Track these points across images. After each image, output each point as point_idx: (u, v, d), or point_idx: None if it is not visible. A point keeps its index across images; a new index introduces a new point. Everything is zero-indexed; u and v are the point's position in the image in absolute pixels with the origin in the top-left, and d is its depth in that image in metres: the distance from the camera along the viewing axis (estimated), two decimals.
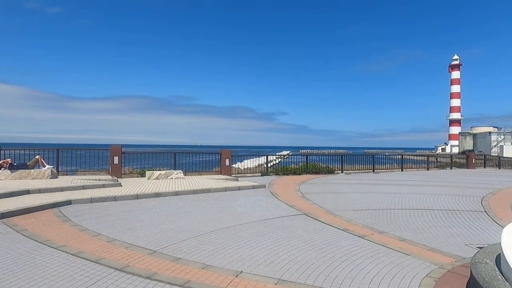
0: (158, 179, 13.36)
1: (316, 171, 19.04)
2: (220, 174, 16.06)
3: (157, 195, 9.92)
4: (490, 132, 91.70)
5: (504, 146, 78.88)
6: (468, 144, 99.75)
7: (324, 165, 19.80)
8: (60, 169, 14.10)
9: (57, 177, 12.29)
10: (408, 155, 23.51)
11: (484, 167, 25.80)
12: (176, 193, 10.30)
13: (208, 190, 11.01)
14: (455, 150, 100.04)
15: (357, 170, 20.66)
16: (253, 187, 12.16)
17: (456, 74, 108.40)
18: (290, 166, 19.36)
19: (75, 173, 15.14)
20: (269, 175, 17.53)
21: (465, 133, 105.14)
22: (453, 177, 18.07)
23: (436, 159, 24.38)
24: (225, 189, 11.40)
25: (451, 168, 23.81)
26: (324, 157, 21.82)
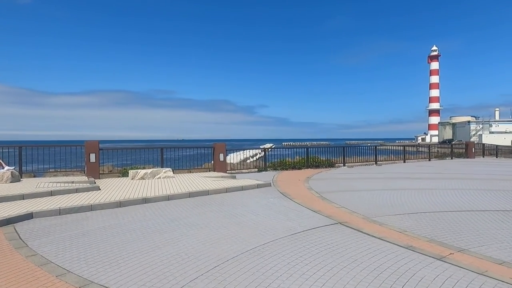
0: (143, 179, 11.39)
1: (317, 164, 17.50)
2: (214, 171, 14.20)
3: (145, 200, 8.01)
4: (469, 122, 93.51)
5: (482, 135, 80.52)
6: (448, 133, 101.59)
7: (325, 158, 18.26)
8: (25, 170, 11.90)
9: (19, 181, 10.13)
10: (407, 146, 22.27)
11: (483, 156, 25.06)
12: (169, 198, 8.42)
13: (206, 192, 9.17)
14: (435, 139, 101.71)
15: (358, 162, 19.25)
16: (258, 186, 10.41)
17: (435, 65, 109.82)
18: (287, 160, 17.68)
19: (44, 174, 12.94)
20: (267, 170, 15.82)
21: (445, 122, 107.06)
22: (462, 168, 16.90)
23: (429, 149, 23.29)
24: (226, 190, 9.60)
25: (451, 158, 22.84)
26: (319, 149, 20.19)
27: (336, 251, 4.59)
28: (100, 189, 9.21)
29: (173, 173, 12.55)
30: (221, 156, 14.16)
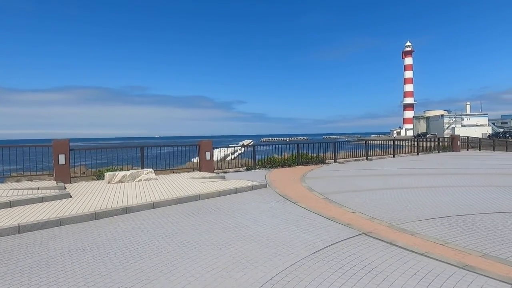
0: (122, 182, 10.06)
1: (307, 161, 16.63)
2: (200, 170, 12.99)
3: (126, 210, 6.77)
4: (442, 115, 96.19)
5: (455, 128, 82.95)
6: (422, 127, 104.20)
7: (314, 155, 17.41)
8: None
9: None
10: (395, 140, 21.83)
11: (467, 149, 25.08)
12: (154, 205, 7.21)
13: (197, 197, 8.01)
14: (410, 133, 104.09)
15: (348, 158, 18.55)
16: (253, 187, 9.35)
17: (409, 60, 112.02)
18: (276, 157, 16.66)
19: (6, 179, 11.34)
20: (256, 168, 14.77)
21: (419, 116, 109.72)
22: (454, 162, 16.52)
23: (417, 143, 23.01)
24: (219, 194, 8.48)
25: (438, 152, 22.62)
26: (307, 145, 19.24)
27: (380, 278, 3.61)
28: (71, 197, 7.86)
29: (155, 174, 11.26)
30: (208, 155, 12.97)
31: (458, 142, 23.55)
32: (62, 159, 10.34)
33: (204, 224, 5.85)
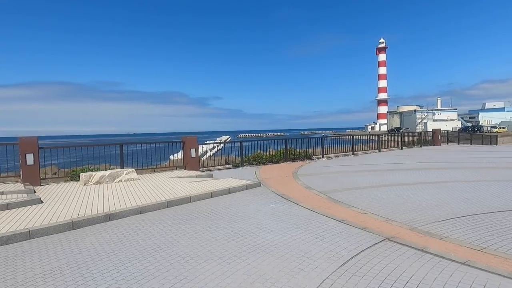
0: (100, 183, 9.07)
1: (294, 157, 16.08)
2: (185, 169, 12.12)
3: (109, 217, 5.89)
4: (415, 111, 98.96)
5: (427, 123, 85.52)
6: (396, 122, 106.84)
7: (301, 150, 16.88)
8: None
9: None
10: (380, 135, 21.71)
11: (447, 143, 25.44)
12: (141, 210, 6.35)
13: (188, 199, 7.21)
14: (384, 128, 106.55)
15: (335, 153, 18.15)
16: (246, 187, 8.64)
17: (382, 57, 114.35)
18: (262, 153, 15.99)
19: None
20: (244, 166, 14.05)
21: (393, 112, 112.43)
22: (441, 156, 16.47)
23: (401, 138, 23.09)
24: (211, 195, 7.71)
25: (420, 146, 22.73)
26: (293, 141, 18.62)
27: None
28: (42, 202, 6.86)
29: (136, 174, 10.30)
30: (193, 152, 12.10)
31: (440, 136, 23.78)
32: (30, 158, 9.19)
33: (203, 232, 5.09)
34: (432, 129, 24.51)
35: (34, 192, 7.79)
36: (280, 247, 4.38)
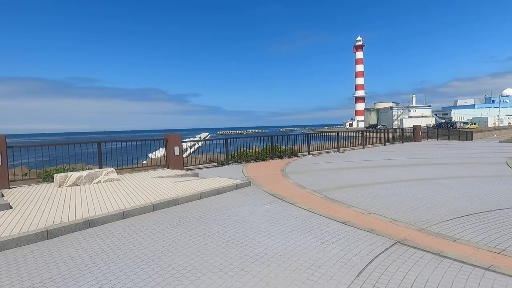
0: (77, 184, 8.36)
1: (280, 154, 15.72)
2: (168, 168, 11.50)
3: (89, 223, 5.29)
4: (391, 107, 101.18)
5: (403, 120, 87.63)
6: (373, 119, 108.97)
7: (286, 147, 16.55)
8: None
9: None
10: (364, 131, 21.74)
11: (427, 139, 25.87)
12: (124, 215, 5.78)
13: (175, 201, 6.68)
14: (361, 124, 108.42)
15: (320, 150, 17.95)
16: (236, 186, 8.18)
17: (360, 54, 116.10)
18: (247, 151, 15.52)
19: None
20: (229, 164, 13.55)
21: (370, 109, 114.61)
22: (426, 152, 16.58)
23: (384, 134, 23.30)
24: (200, 196, 7.20)
25: (402, 142, 22.95)
26: (277, 138, 18.16)
27: None
28: (11, 208, 6.14)
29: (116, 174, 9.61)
30: (177, 150, 11.49)
31: (420, 132, 24.12)
32: None
33: (197, 239, 4.61)
34: (413, 126, 24.84)
35: (2, 196, 7.03)
36: (285, 255, 3.97)
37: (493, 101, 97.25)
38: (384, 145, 21.44)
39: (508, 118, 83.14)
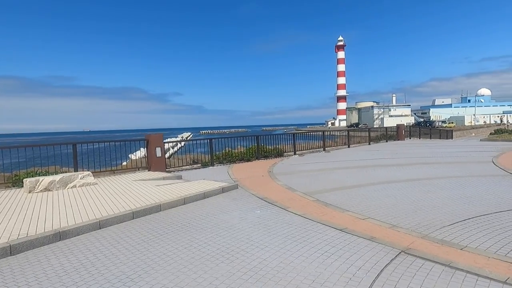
0: (49, 190, 7.70)
1: (265, 155, 15.34)
2: (150, 170, 10.91)
3: (60, 235, 4.73)
4: (372, 107, 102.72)
5: (384, 119, 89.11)
6: (354, 118, 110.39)
7: (272, 147, 16.19)
8: None
9: None
10: (349, 131, 21.64)
11: (410, 138, 26.09)
12: (101, 224, 5.23)
13: (158, 207, 6.17)
14: (343, 123, 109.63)
15: (306, 149, 17.69)
16: (223, 190, 7.72)
17: (341, 54, 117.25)
18: (231, 150, 15.05)
19: None
20: (214, 165, 13.06)
21: (352, 108, 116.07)
22: (412, 151, 16.57)
23: (368, 133, 23.34)
24: (185, 201, 6.71)
25: (386, 141, 23.01)
26: (262, 137, 17.73)
27: None
28: None
29: (93, 177, 8.96)
30: (159, 151, 10.92)
31: (404, 131, 24.27)
32: None
33: (182, 252, 4.14)
34: (397, 125, 24.99)
35: None
36: (282, 270, 3.57)
37: (469, 100, 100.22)
38: (369, 144, 21.41)
39: (484, 117, 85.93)
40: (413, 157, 13.71)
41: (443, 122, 75.10)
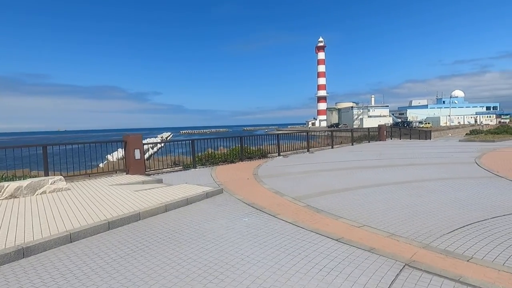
0: (16, 197, 7.02)
1: (249, 156, 14.95)
2: (128, 173, 10.29)
3: (24, 252, 4.17)
4: (352, 107, 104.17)
5: (363, 119, 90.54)
6: (334, 118, 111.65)
7: (255, 148, 15.81)
8: None
9: None
10: (333, 131, 21.57)
11: (391, 138, 26.33)
12: (72, 237, 4.69)
13: (136, 217, 5.66)
14: (324, 124, 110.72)
15: (290, 150, 17.41)
16: (207, 195, 7.27)
17: (321, 55, 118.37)
18: (213, 152, 14.56)
19: None
20: (196, 167, 12.55)
21: (332, 108, 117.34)
22: (395, 152, 16.58)
23: (351, 133, 23.41)
24: (166, 208, 6.22)
25: (368, 142, 23.08)
26: (246, 138, 17.30)
27: None
28: None
29: (66, 182, 8.30)
30: (137, 153, 10.32)
31: (385, 132, 24.44)
32: None
33: (165, 271, 3.68)
34: (378, 125, 25.18)
35: None
36: None
37: (444, 102, 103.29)
38: (352, 144, 21.40)
39: (458, 117, 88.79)
40: (398, 158, 13.67)
41: (420, 122, 76.99)
